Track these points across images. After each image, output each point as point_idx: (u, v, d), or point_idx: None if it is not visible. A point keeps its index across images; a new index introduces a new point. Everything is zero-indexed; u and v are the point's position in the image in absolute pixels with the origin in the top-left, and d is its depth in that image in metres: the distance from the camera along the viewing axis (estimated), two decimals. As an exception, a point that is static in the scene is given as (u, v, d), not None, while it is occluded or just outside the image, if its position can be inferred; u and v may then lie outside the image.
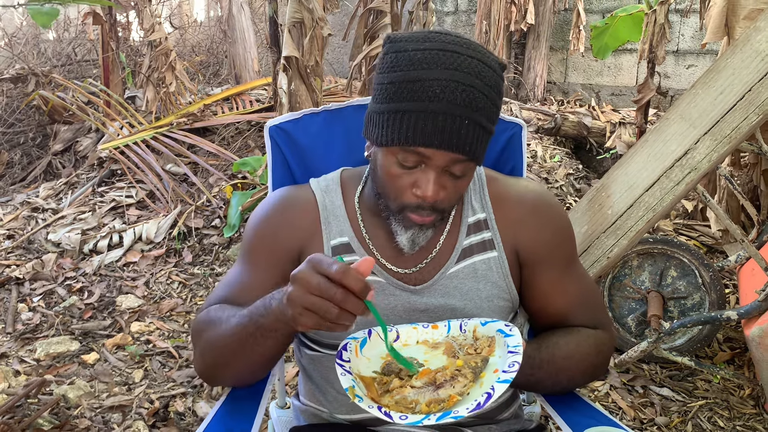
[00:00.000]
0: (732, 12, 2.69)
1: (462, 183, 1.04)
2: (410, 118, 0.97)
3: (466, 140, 0.97)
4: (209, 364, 1.10)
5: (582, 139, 4.60)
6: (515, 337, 0.98)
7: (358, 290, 0.84)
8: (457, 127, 0.96)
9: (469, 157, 0.99)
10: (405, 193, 1.02)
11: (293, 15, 2.95)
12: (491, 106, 0.99)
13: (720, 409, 2.21)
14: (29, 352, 2.61)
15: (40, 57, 5.83)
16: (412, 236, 1.06)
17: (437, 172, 1.00)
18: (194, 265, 3.30)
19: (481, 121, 0.97)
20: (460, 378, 0.95)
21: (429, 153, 0.98)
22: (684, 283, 2.40)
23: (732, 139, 1.90)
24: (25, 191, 4.31)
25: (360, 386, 0.94)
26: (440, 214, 1.05)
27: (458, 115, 0.95)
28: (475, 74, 0.97)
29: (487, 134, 1.01)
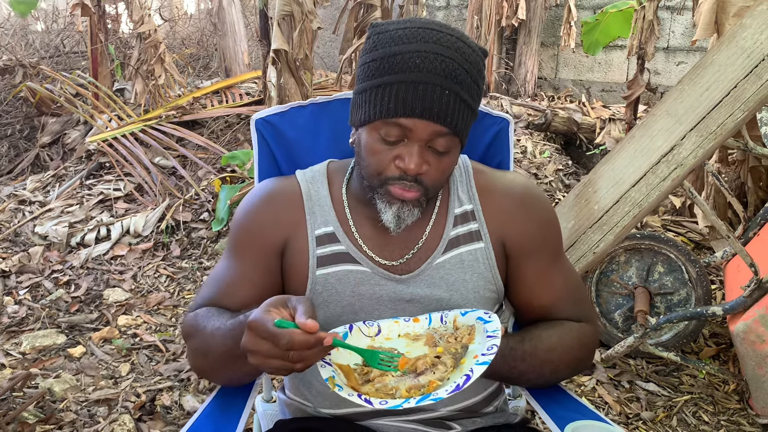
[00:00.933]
0: (722, 9, 2.70)
1: (446, 161, 1.04)
2: (391, 90, 0.98)
3: (447, 111, 0.98)
4: (201, 368, 1.12)
5: (572, 134, 4.61)
6: (494, 322, 0.99)
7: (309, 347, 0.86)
8: (437, 97, 0.97)
9: (451, 130, 1.00)
10: (388, 167, 1.03)
11: (283, 8, 2.94)
12: (471, 83, 1.00)
13: (705, 404, 2.22)
14: (15, 345, 2.60)
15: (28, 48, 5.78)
16: (397, 212, 1.05)
17: (420, 146, 1.01)
18: (182, 259, 3.28)
19: (461, 94, 0.99)
20: (440, 365, 0.96)
21: (410, 124, 0.99)
22: (671, 279, 2.41)
23: (718, 136, 1.91)
24: (12, 184, 4.28)
25: (340, 376, 0.95)
26: (425, 192, 1.05)
27: (438, 85, 0.97)
28: (455, 49, 0.99)
29: (469, 111, 1.02)
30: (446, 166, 1.05)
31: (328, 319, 1.12)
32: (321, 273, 1.12)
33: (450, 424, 1.16)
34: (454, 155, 1.05)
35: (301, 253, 1.13)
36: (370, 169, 1.05)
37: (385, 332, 1.06)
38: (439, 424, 1.16)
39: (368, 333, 1.06)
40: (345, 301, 1.11)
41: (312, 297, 1.12)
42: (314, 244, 1.13)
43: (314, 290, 1.12)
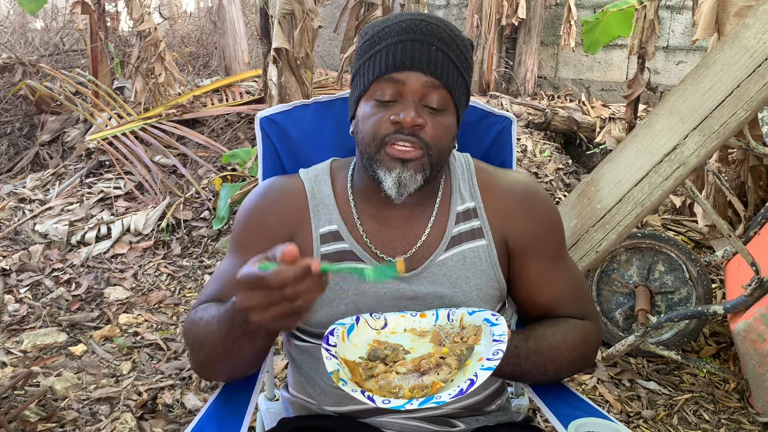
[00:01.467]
0: (722, 9, 2.71)
1: (443, 121, 1.05)
2: (382, 53, 1.04)
3: (437, 63, 1.03)
4: (200, 363, 1.11)
5: (572, 134, 4.61)
6: (501, 326, 0.99)
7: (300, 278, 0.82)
8: (426, 51, 1.03)
9: (442, 82, 1.03)
10: (384, 126, 1.04)
11: (283, 6, 2.93)
12: (457, 50, 1.06)
13: (705, 403, 2.23)
14: (16, 344, 2.60)
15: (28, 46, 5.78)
16: (398, 177, 1.04)
17: (414, 100, 1.03)
18: (183, 257, 3.28)
19: (449, 53, 1.04)
20: (444, 366, 0.96)
21: (403, 77, 1.02)
22: (671, 278, 2.41)
23: (720, 135, 1.91)
24: (12, 182, 4.28)
25: (345, 371, 0.95)
26: (426, 151, 1.04)
27: (426, 42, 1.03)
28: (440, 22, 1.07)
29: (457, 72, 1.05)
30: (444, 126, 1.06)
31: (332, 316, 1.12)
32: None
33: (453, 422, 1.17)
34: (450, 117, 1.07)
35: (305, 251, 1.13)
36: (367, 137, 1.06)
37: (391, 326, 1.07)
38: (443, 421, 1.16)
39: (375, 326, 1.06)
40: (348, 298, 1.12)
41: None
42: (318, 243, 1.14)
43: None
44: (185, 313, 2.86)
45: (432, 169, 1.07)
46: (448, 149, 1.09)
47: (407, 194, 1.06)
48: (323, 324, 1.13)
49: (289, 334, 1.22)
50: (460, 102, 1.08)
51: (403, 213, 1.15)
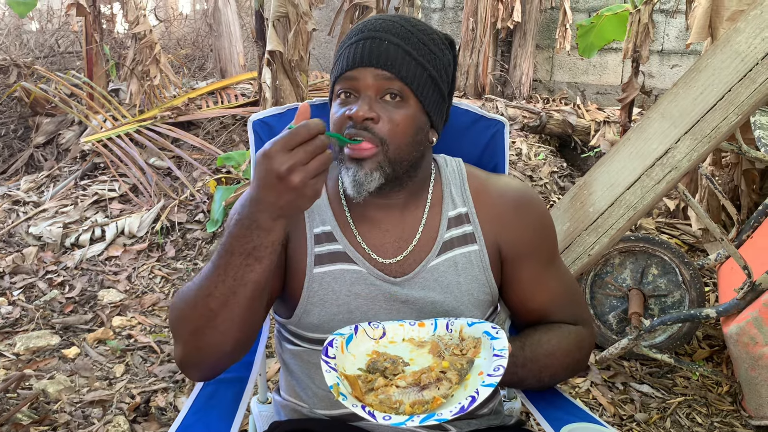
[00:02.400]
0: (716, 13, 2.72)
1: (400, 114, 1.06)
2: (342, 56, 1.09)
3: (389, 57, 1.05)
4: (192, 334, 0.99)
5: (567, 137, 4.62)
6: (501, 340, 0.99)
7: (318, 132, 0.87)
8: (376, 46, 1.05)
9: (395, 74, 1.04)
10: (342, 122, 1.06)
11: (278, 9, 2.94)
12: (417, 41, 1.07)
13: (698, 406, 2.23)
14: (9, 346, 2.59)
15: (23, 48, 5.76)
16: (353, 175, 1.05)
17: (370, 97, 1.05)
18: (177, 260, 3.28)
19: (404, 46, 1.06)
20: (444, 381, 0.95)
21: (357, 74, 1.05)
22: (665, 281, 2.42)
23: (712, 139, 1.92)
24: (6, 184, 4.27)
25: (344, 384, 0.94)
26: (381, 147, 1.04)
27: (378, 38, 1.06)
28: (402, 19, 1.10)
29: (415, 63, 1.06)
30: (401, 119, 1.06)
31: (324, 317, 1.12)
32: (318, 271, 1.13)
33: (445, 425, 1.17)
34: (409, 109, 1.07)
35: (299, 250, 1.14)
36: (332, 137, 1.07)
37: (389, 335, 1.06)
38: (435, 426, 1.16)
39: (373, 335, 1.05)
40: (341, 300, 1.12)
41: (309, 295, 1.12)
42: (312, 243, 1.14)
43: (311, 288, 1.12)
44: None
45: (392, 165, 1.06)
46: (410, 143, 1.07)
47: (366, 193, 1.06)
48: (315, 327, 1.13)
49: (282, 338, 1.22)
50: (422, 93, 1.07)
51: (394, 215, 1.15)
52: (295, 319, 1.14)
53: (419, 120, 1.08)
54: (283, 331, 1.21)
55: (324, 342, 1.12)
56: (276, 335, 1.27)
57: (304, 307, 1.13)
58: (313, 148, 0.86)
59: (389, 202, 1.14)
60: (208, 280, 0.96)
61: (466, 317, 1.13)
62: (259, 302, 1.00)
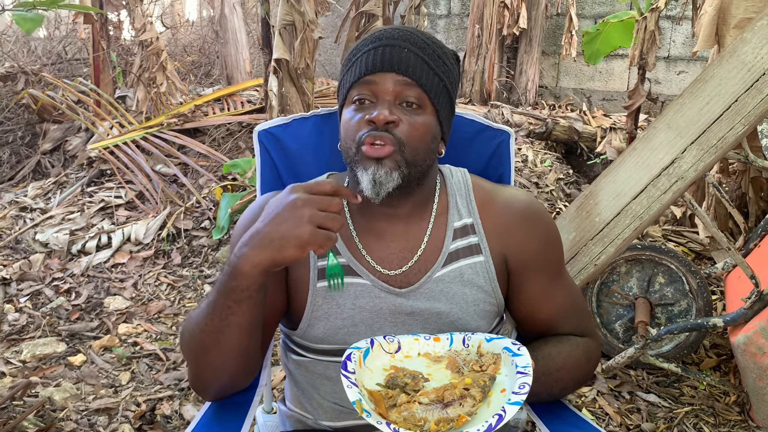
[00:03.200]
0: (722, 21, 2.72)
1: (419, 120, 1.07)
2: (358, 62, 1.10)
3: (408, 63, 1.07)
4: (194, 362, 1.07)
5: (573, 143, 4.61)
6: (524, 357, 0.98)
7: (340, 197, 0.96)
8: (396, 53, 1.07)
9: (414, 80, 1.06)
10: (360, 127, 1.07)
11: (284, 17, 2.94)
12: (432, 53, 1.10)
13: (706, 416, 2.22)
14: (15, 354, 2.60)
15: (30, 55, 5.80)
16: (373, 175, 1.05)
17: (388, 100, 1.06)
18: (183, 267, 3.29)
19: (421, 55, 1.08)
20: (468, 398, 0.94)
21: (376, 78, 1.07)
22: (671, 290, 2.41)
23: (718, 149, 1.91)
24: (13, 190, 4.28)
25: (367, 400, 0.93)
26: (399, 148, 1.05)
27: (397, 45, 1.08)
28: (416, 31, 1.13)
29: (433, 73, 1.09)
30: (420, 123, 1.08)
31: (329, 331, 1.12)
32: (321, 285, 1.13)
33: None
34: (427, 116, 1.09)
35: (302, 265, 1.14)
36: (347, 139, 1.09)
37: (405, 349, 1.05)
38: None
39: (389, 349, 1.05)
40: (345, 313, 1.12)
41: (313, 309, 1.12)
42: (315, 257, 1.14)
43: (314, 302, 1.12)
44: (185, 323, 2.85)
45: (408, 167, 1.07)
46: (426, 149, 1.09)
47: (385, 193, 1.06)
48: (320, 339, 1.13)
49: (287, 349, 1.22)
50: (438, 102, 1.10)
51: (399, 226, 1.15)
52: (300, 331, 1.14)
53: (434, 128, 1.10)
54: (288, 341, 1.21)
55: (329, 353, 1.13)
56: (281, 344, 1.27)
57: (308, 321, 1.13)
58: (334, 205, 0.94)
59: (394, 211, 1.14)
60: (202, 315, 1.02)
61: (473, 328, 1.13)
62: (249, 340, 1.04)
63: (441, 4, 6.49)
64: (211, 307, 1.00)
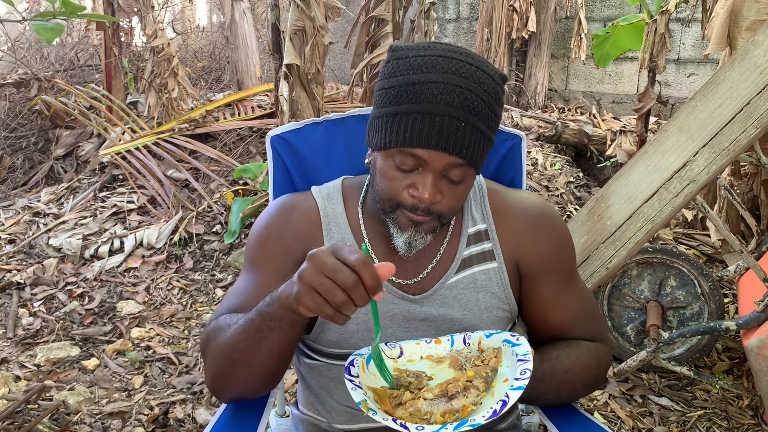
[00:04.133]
0: (734, 23, 2.71)
1: (460, 190, 1.05)
2: (408, 120, 0.98)
3: (464, 143, 0.98)
4: (218, 371, 1.08)
5: (583, 146, 4.61)
6: (523, 345, 0.99)
7: (370, 286, 0.84)
8: (454, 129, 0.97)
9: (467, 161, 1.00)
10: (402, 194, 1.03)
11: (294, 23, 2.96)
12: (489, 113, 1.00)
13: (719, 420, 2.21)
14: (30, 358, 2.62)
15: (43, 62, 5.85)
16: (409, 238, 1.06)
17: (434, 176, 1.01)
18: (195, 271, 3.30)
19: (478, 125, 0.99)
20: (472, 389, 0.95)
21: (426, 155, 0.99)
22: (683, 293, 2.40)
23: (730, 152, 1.91)
24: (26, 196, 4.32)
25: (372, 399, 0.94)
26: (437, 219, 1.05)
27: (456, 117, 0.97)
28: (473, 79, 0.99)
29: (486, 140, 1.01)
30: (461, 194, 1.06)
31: (342, 336, 1.12)
32: None
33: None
34: (468, 183, 1.06)
35: None
36: (383, 194, 1.06)
37: (407, 354, 1.06)
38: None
39: (391, 355, 1.05)
40: (359, 318, 1.12)
41: None
42: None
43: None
44: (197, 327, 2.87)
45: (442, 224, 1.08)
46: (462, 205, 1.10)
47: (415, 250, 1.08)
48: (334, 343, 1.13)
49: (300, 352, 1.23)
50: (482, 162, 1.05)
51: None
52: (314, 335, 1.15)
53: (472, 183, 1.09)
54: (301, 345, 1.22)
55: (342, 357, 1.13)
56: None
57: (321, 325, 1.13)
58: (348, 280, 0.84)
59: None
60: (237, 332, 1.02)
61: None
62: (278, 364, 1.06)
63: (450, 8, 6.51)
64: (247, 324, 1.01)
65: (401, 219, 1.05)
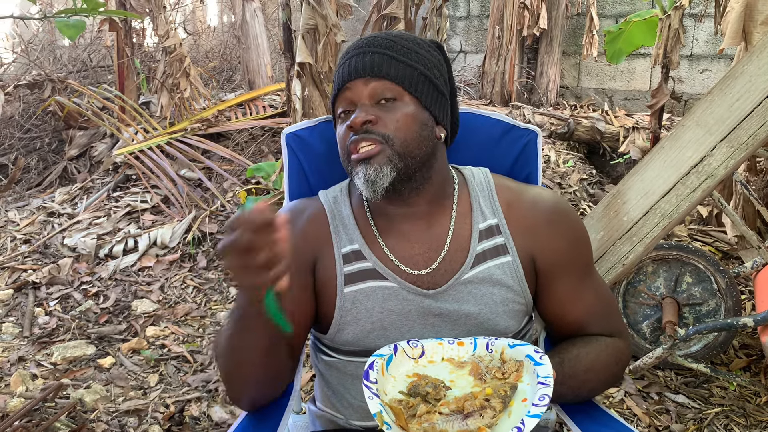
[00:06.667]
0: (749, 17, 2.68)
1: (399, 113, 1.09)
2: (335, 79, 1.15)
3: (373, 64, 1.10)
4: (225, 375, 1.10)
5: (595, 143, 4.59)
6: (545, 366, 0.97)
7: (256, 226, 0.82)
8: (361, 59, 1.11)
9: (382, 76, 1.09)
10: (346, 136, 1.10)
11: (307, 21, 2.97)
12: (401, 47, 1.12)
13: (736, 417, 2.19)
14: (46, 356, 2.64)
15: (56, 63, 5.89)
16: (364, 174, 1.07)
17: (364, 104, 1.10)
18: (208, 270, 3.32)
19: (384, 51, 1.11)
20: (488, 409, 0.94)
21: (348, 87, 1.11)
22: (699, 290, 2.38)
23: (749, 146, 1.89)
24: (41, 196, 4.36)
25: (388, 412, 0.94)
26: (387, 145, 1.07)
27: (362, 52, 1.12)
28: (385, 34, 1.16)
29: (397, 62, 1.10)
30: (400, 116, 1.09)
31: (359, 335, 1.12)
32: (349, 290, 1.13)
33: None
34: (407, 107, 1.10)
35: (329, 271, 1.14)
36: (341, 155, 1.13)
37: (428, 354, 1.05)
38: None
39: (412, 354, 1.05)
40: (374, 317, 1.12)
41: (341, 315, 1.13)
42: (341, 263, 1.14)
43: (343, 307, 1.13)
44: (211, 325, 2.88)
45: (402, 159, 1.08)
46: (416, 137, 1.10)
47: (382, 189, 1.08)
48: (351, 342, 1.13)
49: (317, 350, 1.23)
50: (417, 89, 1.11)
51: (421, 226, 1.15)
52: (330, 335, 1.15)
53: (421, 116, 1.11)
54: (318, 343, 1.22)
55: (359, 354, 1.13)
56: (311, 345, 1.27)
57: (337, 326, 1.13)
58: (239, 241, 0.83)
59: (413, 210, 1.14)
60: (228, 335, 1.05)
61: (502, 328, 1.12)
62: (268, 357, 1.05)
63: (460, 5, 6.49)
64: (231, 327, 1.03)
65: (354, 163, 1.09)
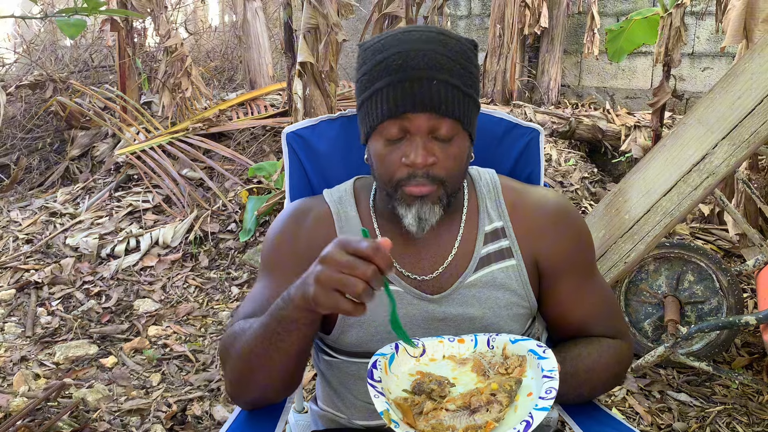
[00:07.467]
0: (750, 15, 2.68)
1: (453, 150, 1.04)
2: (381, 95, 1.02)
3: (438, 97, 1.00)
4: (238, 377, 1.08)
5: (597, 142, 4.58)
6: (550, 360, 0.97)
7: (385, 267, 0.85)
8: (426, 89, 1.00)
9: (448, 116, 1.01)
10: (397, 169, 1.04)
11: (308, 21, 2.97)
12: (461, 69, 1.03)
13: (739, 415, 2.19)
14: (48, 356, 2.64)
15: (58, 63, 5.89)
16: (417, 212, 1.05)
17: (421, 138, 1.02)
18: (210, 270, 3.32)
19: (451, 81, 1.01)
20: (495, 403, 0.94)
21: (407, 122, 1.01)
22: (701, 288, 2.38)
23: (750, 144, 1.89)
24: (43, 196, 4.36)
25: (394, 410, 0.93)
26: (441, 187, 1.04)
27: (425, 78, 1.00)
28: (436, 42, 1.03)
29: (464, 96, 1.03)
30: (455, 154, 1.05)
31: (362, 338, 1.12)
32: None
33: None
34: (461, 142, 1.05)
35: None
36: (383, 177, 1.06)
37: (429, 352, 1.05)
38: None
39: (413, 353, 1.05)
40: (379, 320, 1.11)
41: (345, 317, 1.12)
42: None
43: None
44: (213, 324, 2.88)
45: (449, 197, 1.07)
46: (463, 172, 1.08)
47: (429, 227, 1.06)
48: (355, 344, 1.12)
49: (318, 350, 1.23)
50: (470, 120, 1.06)
51: (429, 232, 1.14)
52: (333, 337, 1.14)
53: (468, 148, 1.08)
54: (319, 342, 1.22)
55: (361, 355, 1.13)
56: (313, 345, 1.27)
57: (341, 328, 1.13)
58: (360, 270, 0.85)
59: None
60: (253, 337, 1.03)
61: (505, 332, 1.12)
62: (295, 366, 1.06)
63: (461, 4, 6.49)
64: (262, 329, 1.01)
65: (405, 196, 1.05)
